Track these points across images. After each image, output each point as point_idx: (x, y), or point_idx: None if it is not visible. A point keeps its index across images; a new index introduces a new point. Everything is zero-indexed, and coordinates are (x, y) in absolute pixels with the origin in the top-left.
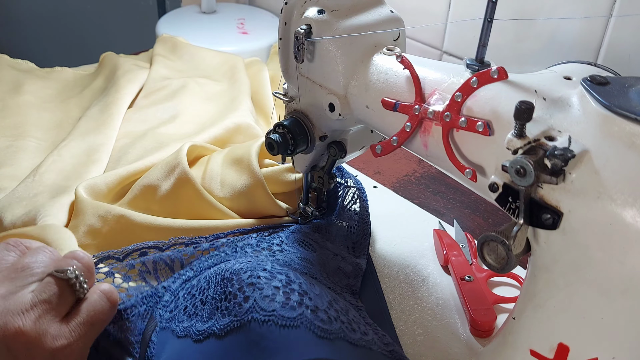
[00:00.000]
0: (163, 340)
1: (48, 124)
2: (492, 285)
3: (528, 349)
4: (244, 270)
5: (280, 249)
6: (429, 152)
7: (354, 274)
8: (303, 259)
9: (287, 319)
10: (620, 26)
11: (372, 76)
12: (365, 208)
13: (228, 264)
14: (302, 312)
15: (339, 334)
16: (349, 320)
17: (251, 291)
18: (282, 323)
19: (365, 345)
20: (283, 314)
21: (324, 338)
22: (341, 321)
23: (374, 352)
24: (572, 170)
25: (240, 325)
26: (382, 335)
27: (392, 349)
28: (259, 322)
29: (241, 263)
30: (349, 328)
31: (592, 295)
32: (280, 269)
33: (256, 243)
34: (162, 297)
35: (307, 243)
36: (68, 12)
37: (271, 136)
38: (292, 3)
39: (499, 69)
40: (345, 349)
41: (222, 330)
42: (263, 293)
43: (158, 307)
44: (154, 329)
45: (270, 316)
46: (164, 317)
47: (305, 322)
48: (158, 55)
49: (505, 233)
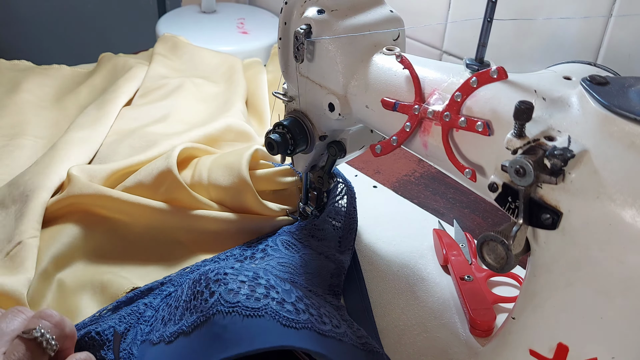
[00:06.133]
0: (142, 353)
1: (45, 123)
2: (491, 285)
3: (527, 348)
4: (212, 270)
5: (263, 255)
6: (429, 152)
7: (336, 273)
8: (283, 264)
9: (251, 310)
10: (620, 26)
11: (372, 76)
12: (352, 204)
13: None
14: (267, 303)
15: (306, 325)
16: (319, 314)
17: (217, 286)
18: (245, 313)
19: (335, 337)
20: (247, 305)
21: (290, 327)
22: (310, 313)
23: (344, 343)
24: (572, 170)
25: (205, 320)
26: (357, 329)
27: (365, 342)
28: (223, 314)
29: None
30: (318, 320)
31: (592, 295)
32: (250, 267)
33: (240, 252)
34: (144, 313)
35: (291, 244)
36: (68, 12)
37: (271, 136)
38: (292, 3)
39: (498, 68)
40: (313, 338)
41: (189, 327)
42: (228, 287)
43: (139, 322)
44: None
45: (234, 307)
46: (144, 331)
47: (270, 312)
48: (158, 54)
49: (504, 233)
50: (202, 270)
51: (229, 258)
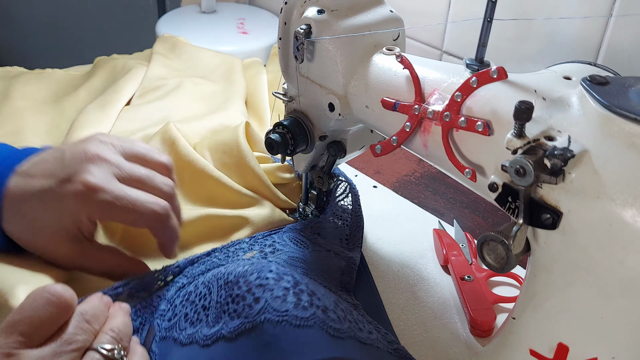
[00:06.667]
0: (165, 351)
1: (45, 127)
2: (491, 285)
3: (528, 348)
4: (250, 272)
5: (272, 250)
6: (429, 152)
7: (347, 270)
8: (295, 258)
9: (301, 319)
10: (620, 26)
11: (372, 76)
12: (357, 202)
13: (229, 267)
14: (313, 312)
15: (350, 333)
16: (355, 319)
17: (261, 292)
18: (296, 323)
19: (373, 343)
20: (296, 314)
21: (337, 337)
22: (349, 320)
23: (381, 350)
24: (572, 170)
25: (252, 327)
26: (385, 334)
27: (396, 347)
28: (273, 323)
29: (244, 266)
30: (356, 327)
31: (592, 295)
32: (285, 270)
33: (248, 247)
34: (158, 306)
35: (299, 240)
36: (68, 12)
37: (271, 136)
38: (292, 3)
39: (498, 68)
40: (357, 347)
41: (232, 333)
42: (274, 294)
43: (155, 316)
44: (153, 339)
45: (284, 316)
46: (162, 326)
47: (318, 321)
48: (157, 54)
49: (504, 233)
50: (232, 271)
51: (238, 251)
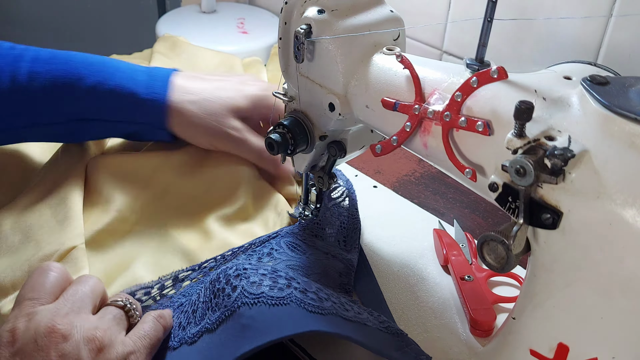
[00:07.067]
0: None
1: None
2: (492, 284)
3: (528, 348)
4: (230, 267)
5: (270, 259)
6: (429, 152)
7: (345, 272)
8: (291, 267)
9: (276, 299)
10: (620, 26)
11: (372, 76)
12: (354, 205)
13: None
14: (290, 292)
15: (331, 311)
16: (340, 302)
17: (238, 281)
18: (271, 302)
19: (360, 321)
20: (271, 295)
21: (316, 313)
22: (332, 302)
23: (368, 327)
24: (572, 170)
25: (230, 314)
26: (378, 315)
27: (388, 325)
28: (248, 305)
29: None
30: (342, 308)
31: (592, 295)
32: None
33: (245, 258)
34: None
35: (296, 245)
36: (68, 12)
37: (271, 136)
38: (292, 3)
39: (498, 68)
40: (340, 323)
41: (214, 324)
42: (250, 280)
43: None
44: None
45: (259, 297)
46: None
47: (295, 299)
48: (157, 53)
49: (505, 233)
50: (219, 271)
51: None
